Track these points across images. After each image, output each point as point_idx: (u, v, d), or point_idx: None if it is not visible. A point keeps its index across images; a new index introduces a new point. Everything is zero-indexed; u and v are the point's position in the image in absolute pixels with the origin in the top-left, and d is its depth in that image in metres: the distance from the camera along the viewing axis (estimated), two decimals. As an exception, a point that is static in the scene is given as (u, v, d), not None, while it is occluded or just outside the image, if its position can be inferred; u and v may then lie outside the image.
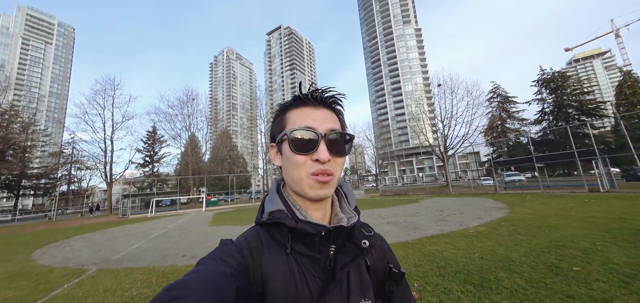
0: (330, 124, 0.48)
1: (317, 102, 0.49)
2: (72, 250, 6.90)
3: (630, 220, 5.12)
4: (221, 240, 0.48)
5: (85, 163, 33.21)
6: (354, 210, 0.52)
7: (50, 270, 4.85)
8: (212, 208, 23.65)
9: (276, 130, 0.51)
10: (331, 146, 0.47)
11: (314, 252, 0.45)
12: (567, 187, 14.72)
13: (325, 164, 0.45)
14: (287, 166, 0.48)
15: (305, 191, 0.46)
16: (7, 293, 3.66)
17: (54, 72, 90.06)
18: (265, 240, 0.46)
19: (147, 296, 3.12)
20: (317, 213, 0.49)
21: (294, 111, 0.49)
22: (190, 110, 32.59)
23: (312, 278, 0.43)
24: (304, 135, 0.46)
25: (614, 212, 6.06)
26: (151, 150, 39.12)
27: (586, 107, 35.41)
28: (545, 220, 5.89)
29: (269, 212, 0.48)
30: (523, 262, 3.23)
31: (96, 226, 13.93)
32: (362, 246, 0.46)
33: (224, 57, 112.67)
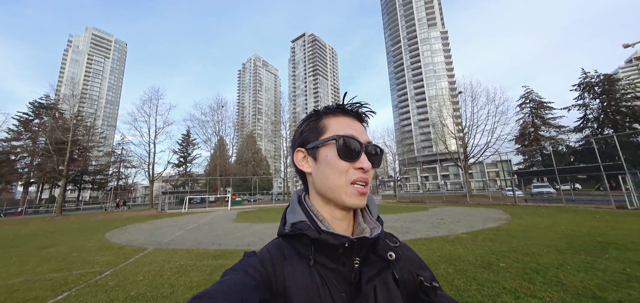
0: (366, 137, 0.50)
1: (354, 115, 0.51)
2: (131, 235, 8.88)
3: (610, 235, 5.43)
4: (245, 252, 0.48)
5: (131, 162, 38.16)
6: (377, 221, 0.51)
7: (122, 247, 6.65)
8: (237, 207, 25.92)
9: (311, 135, 0.51)
10: (369, 157, 0.48)
11: (337, 265, 0.44)
12: (593, 202, 13.90)
13: (366, 173, 0.47)
14: (327, 172, 0.47)
15: (342, 199, 0.46)
16: (102, 257, 5.41)
17: (110, 82, 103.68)
18: (288, 252, 0.46)
19: (190, 265, 4.53)
20: (340, 224, 0.49)
21: (334, 119, 0.50)
22: (219, 117, 35.87)
23: (337, 292, 0.42)
24: (351, 143, 0.46)
25: (608, 228, 6.26)
26: (185, 151, 43.55)
27: (637, 113, 31.67)
28: (528, 231, 6.33)
29: (291, 223, 0.47)
30: (467, 259, 4.03)
31: (143, 218, 16.57)
32: (388, 258, 0.45)
33: (252, 64, 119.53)
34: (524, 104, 44.21)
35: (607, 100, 35.02)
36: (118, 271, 4.34)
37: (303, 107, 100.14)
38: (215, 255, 5.25)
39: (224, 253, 5.45)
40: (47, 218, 19.62)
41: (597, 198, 14.31)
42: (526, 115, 43.72)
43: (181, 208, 26.32)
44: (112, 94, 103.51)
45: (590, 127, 36.72)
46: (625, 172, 11.59)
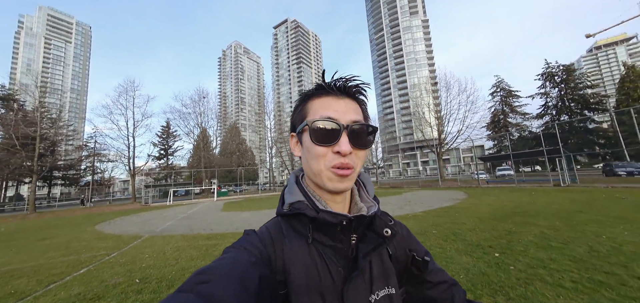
0: (353, 115, 0.47)
1: (340, 92, 0.48)
2: (122, 226, 9.35)
3: (526, 206, 6.92)
4: (245, 230, 0.49)
5: (107, 155, 36.58)
6: (373, 200, 0.52)
7: (119, 236, 7.22)
8: (223, 198, 26.32)
9: (297, 120, 0.51)
10: (353, 138, 0.46)
11: (335, 242, 0.45)
12: (538, 182, 16.13)
13: (346, 157, 0.45)
14: (307, 157, 0.48)
15: (324, 183, 0.46)
16: (103, 244, 6.03)
17: (75, 70, 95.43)
18: (287, 231, 0.47)
19: (187, 245, 5.31)
20: (336, 205, 0.49)
21: (316, 100, 0.49)
22: (201, 108, 35.23)
23: (335, 267, 0.43)
24: (326, 126, 0.45)
25: (532, 202, 7.83)
26: (165, 144, 42.35)
27: (588, 101, 35.46)
28: (471, 208, 7.73)
29: (289, 203, 0.48)
30: (412, 230, 5.20)
31: (128, 211, 16.69)
32: (384, 235, 0.46)
33: (232, 52, 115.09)
34: (495, 92, 47.26)
35: (565, 89, 38.65)
36: (124, 253, 5.04)
37: (287, 96, 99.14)
38: (208, 238, 6.06)
39: (215, 235, 6.26)
40: (19, 216, 18.96)
41: (543, 179, 16.57)
42: (497, 103, 46.91)
43: (165, 201, 26.27)
44: (77, 83, 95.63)
45: (549, 114, 40.47)
46: (561, 155, 13.65)
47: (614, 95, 36.13)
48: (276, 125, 50.07)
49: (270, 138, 44.10)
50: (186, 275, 3.42)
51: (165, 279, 3.29)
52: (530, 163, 41.94)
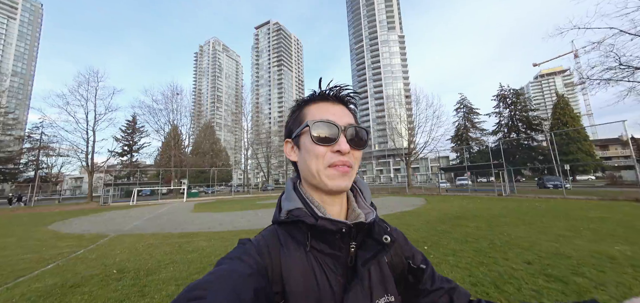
0: (348, 119, 0.50)
1: (335, 99, 0.52)
2: (82, 226, 8.87)
3: (468, 211, 8.21)
4: (240, 239, 0.48)
5: (56, 149, 32.86)
6: (371, 206, 0.52)
7: (81, 235, 6.97)
8: (193, 199, 25.36)
9: (294, 125, 0.52)
10: (350, 139, 0.48)
11: (334, 250, 0.45)
12: (486, 191, 18.46)
13: (345, 156, 0.46)
14: (306, 158, 0.48)
15: (323, 182, 0.46)
16: (65, 243, 5.86)
17: (19, 50, 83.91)
18: (284, 239, 0.47)
19: (159, 243, 5.48)
20: (333, 209, 0.49)
21: (313, 106, 0.51)
22: (174, 106, 33.59)
23: (334, 276, 0.43)
24: (326, 127, 0.47)
25: (473, 208, 9.22)
26: (130, 139, 39.31)
27: (531, 122, 41.02)
28: (424, 212, 8.88)
29: (287, 210, 0.48)
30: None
31: (84, 211, 15.45)
32: (383, 242, 0.45)
33: (210, 48, 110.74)
34: (459, 108, 52.13)
35: (514, 110, 44.19)
36: (91, 250, 5.06)
37: (266, 98, 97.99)
38: (180, 236, 6.23)
39: (187, 234, 6.44)
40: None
41: (490, 189, 18.99)
42: (460, 118, 51.73)
43: (127, 200, 24.50)
44: (22, 65, 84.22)
45: (502, 131, 45.83)
46: (503, 169, 15.93)
47: (549, 119, 42.15)
48: (253, 126, 49.37)
49: (246, 139, 43.37)
50: (163, 267, 3.74)
51: (143, 269, 3.58)
52: (486, 175, 46.96)
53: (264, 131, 50.74)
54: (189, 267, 3.66)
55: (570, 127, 33.66)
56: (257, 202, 17.62)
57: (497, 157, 17.23)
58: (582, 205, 9.49)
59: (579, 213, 7.22)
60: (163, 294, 2.72)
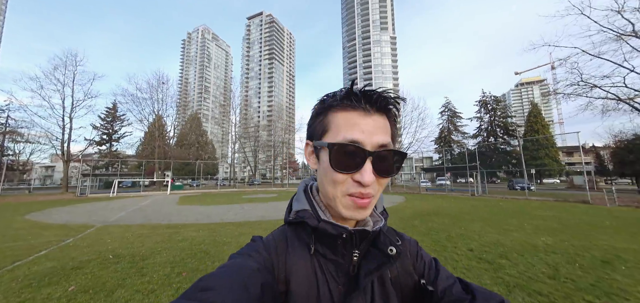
0: (381, 137, 0.41)
1: (369, 106, 0.41)
2: (64, 216, 8.80)
3: (440, 208, 9.04)
4: (252, 236, 0.49)
5: (25, 135, 30.84)
6: (381, 214, 0.49)
7: (65, 225, 7.03)
8: (177, 192, 25.01)
9: (316, 131, 0.46)
10: (378, 165, 0.41)
11: (336, 256, 0.43)
12: (462, 191, 19.79)
13: (367, 188, 0.40)
14: (323, 179, 0.44)
15: (339, 210, 0.42)
16: (50, 232, 5.97)
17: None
18: (291, 240, 0.47)
19: (148, 233, 5.74)
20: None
21: (340, 114, 0.42)
22: (160, 95, 32.63)
23: (335, 284, 0.42)
24: (348, 151, 0.40)
25: (446, 206, 10.10)
26: (110, 128, 37.66)
27: (508, 128, 43.73)
28: (400, 209, 9.63)
29: (296, 211, 0.48)
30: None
31: (61, 202, 15.00)
32: (388, 253, 0.42)
33: (199, 35, 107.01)
34: (444, 111, 54.30)
35: (494, 116, 46.80)
36: (81, 239, 5.25)
37: (256, 91, 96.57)
38: (168, 227, 6.50)
39: (175, 226, 6.72)
40: None
41: (465, 189, 20.36)
42: (444, 121, 53.94)
43: (107, 192, 23.76)
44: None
45: (482, 135, 48.42)
46: (477, 170, 17.21)
47: (524, 125, 45.12)
48: (242, 120, 48.79)
49: (234, 133, 42.89)
50: (157, 253, 4.08)
51: (138, 255, 3.91)
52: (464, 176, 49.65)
53: (252, 125, 50.27)
54: (181, 253, 4.04)
55: (541, 135, 36.29)
56: (244, 197, 17.84)
57: (474, 160, 18.53)
58: (538, 205, 10.67)
59: (531, 212, 8.23)
60: (160, 274, 3.11)
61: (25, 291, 2.65)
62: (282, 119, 51.18)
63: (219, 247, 4.44)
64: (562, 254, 3.63)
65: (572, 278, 2.78)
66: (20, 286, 2.79)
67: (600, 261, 3.34)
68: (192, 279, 2.93)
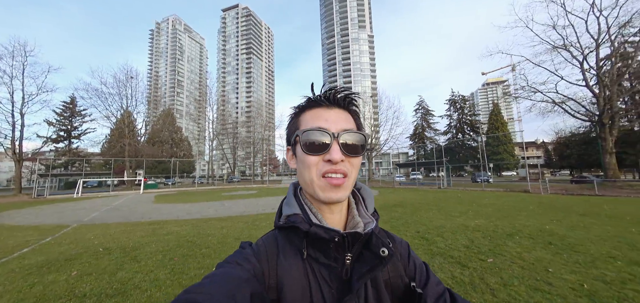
0: (344, 124, 0.47)
1: (330, 103, 0.49)
2: (29, 218, 8.42)
3: (406, 200, 10.16)
4: (241, 242, 0.49)
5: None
6: (372, 215, 0.50)
7: (37, 226, 6.86)
8: (151, 191, 24.02)
9: (290, 133, 0.52)
10: (345, 146, 0.46)
11: (329, 260, 0.44)
12: (431, 185, 21.68)
13: (338, 165, 0.45)
14: (300, 167, 0.48)
15: (316, 193, 0.45)
16: (22, 234, 5.89)
17: None
18: (282, 245, 0.47)
19: (130, 230, 5.93)
20: (332, 217, 0.48)
21: (308, 112, 0.49)
22: (130, 91, 30.65)
23: (327, 289, 0.42)
24: (316, 136, 0.45)
25: (413, 197, 11.29)
26: (68, 123, 34.46)
27: (474, 125, 47.85)
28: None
29: (286, 215, 0.48)
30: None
31: (18, 204, 13.92)
32: (380, 255, 0.43)
33: (170, 26, 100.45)
34: (418, 110, 57.54)
35: (462, 114, 50.80)
36: (60, 237, 5.34)
37: (234, 86, 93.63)
38: (149, 224, 6.68)
39: (157, 222, 6.90)
40: None
41: (433, 183, 22.32)
42: (418, 119, 57.21)
43: (68, 193, 22.10)
44: None
45: (451, 132, 52.35)
46: (443, 165, 19.04)
47: (484, 123, 49.63)
48: (219, 116, 47.37)
49: (211, 130, 41.62)
50: (145, 244, 4.43)
51: (127, 247, 4.25)
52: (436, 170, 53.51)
53: (230, 121, 49.04)
54: (169, 244, 4.44)
55: (501, 132, 40.33)
56: (223, 194, 17.85)
57: (443, 156, 20.41)
58: (488, 195, 12.36)
59: (480, 201, 9.66)
60: (154, 260, 3.54)
61: (29, 278, 2.96)
62: (261, 115, 50.54)
63: (204, 238, 4.89)
64: (483, 231, 4.69)
65: (479, 247, 3.76)
66: (21, 274, 3.08)
67: (506, 234, 4.42)
68: (184, 264, 3.40)
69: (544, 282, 2.52)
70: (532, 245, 3.79)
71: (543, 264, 3.00)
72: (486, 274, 2.76)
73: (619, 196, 11.01)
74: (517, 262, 3.10)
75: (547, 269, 2.85)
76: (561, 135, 30.42)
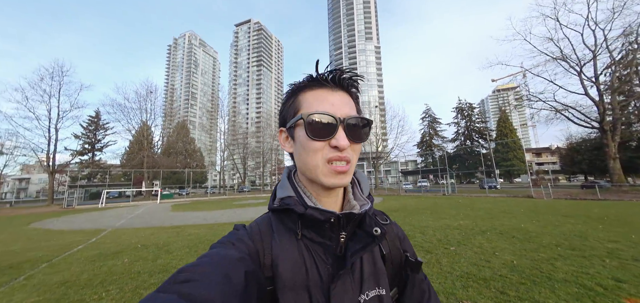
0: (348, 109, 0.46)
1: (334, 84, 0.47)
2: (70, 224, 9.68)
3: (406, 205, 10.71)
4: (235, 225, 0.50)
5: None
6: (367, 198, 0.51)
7: (79, 230, 8.03)
8: (167, 201, 25.49)
9: (288, 114, 0.49)
10: (350, 132, 0.45)
11: (324, 239, 0.45)
12: (434, 192, 21.89)
13: (344, 151, 0.44)
14: (301, 152, 0.46)
15: (320, 179, 0.45)
16: (69, 236, 7.02)
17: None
18: (276, 226, 0.47)
19: (157, 232, 6.91)
20: (329, 200, 0.49)
21: (309, 93, 0.47)
22: (150, 106, 33.04)
23: (323, 265, 0.43)
24: (322, 120, 0.44)
25: (416, 203, 11.81)
26: (92, 137, 37.14)
27: (482, 133, 47.33)
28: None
29: (280, 198, 0.48)
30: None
31: (55, 213, 15.47)
32: (373, 233, 0.44)
33: (186, 41, 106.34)
34: (424, 118, 57.55)
35: (469, 121, 50.41)
36: (102, 238, 6.39)
37: (244, 97, 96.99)
38: (172, 228, 7.68)
39: (178, 226, 7.90)
40: None
41: (438, 189, 22.51)
42: (425, 127, 57.14)
43: (92, 203, 23.86)
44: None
45: (459, 139, 51.88)
46: (446, 172, 19.34)
47: (493, 130, 49.00)
48: (230, 128, 49.43)
49: (222, 141, 43.47)
50: (173, 242, 5.35)
51: (159, 244, 5.18)
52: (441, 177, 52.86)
53: (241, 132, 50.96)
54: (192, 241, 5.36)
55: (510, 138, 39.79)
56: (234, 203, 18.87)
57: (452, 163, 20.62)
58: (490, 200, 12.67)
59: (475, 205, 10.10)
60: (182, 251, 4.44)
61: (95, 263, 3.92)
62: (270, 126, 52.22)
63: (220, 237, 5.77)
64: (461, 229, 5.30)
65: (449, 240, 4.41)
66: (88, 261, 4.05)
67: (481, 231, 5.02)
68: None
69: (485, 261, 3.19)
70: (497, 238, 4.40)
71: (495, 251, 3.65)
72: (443, 258, 3.44)
73: (621, 200, 11.11)
74: (475, 249, 3.76)
75: (495, 253, 3.50)
76: (572, 141, 29.80)
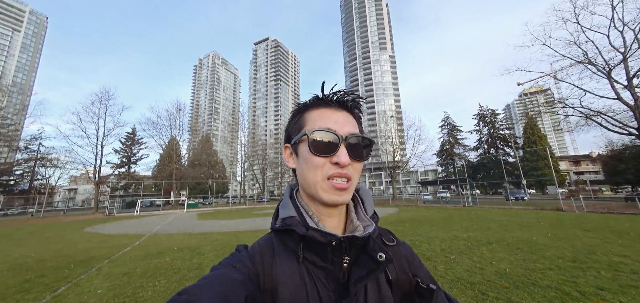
0: (351, 128, 0.48)
1: (338, 105, 0.49)
2: (115, 229, 11.06)
3: (418, 217, 10.77)
4: (237, 246, 0.49)
5: (53, 160, 34.46)
6: (371, 218, 0.50)
7: (124, 235, 9.25)
8: (193, 210, 27.30)
9: (293, 131, 0.51)
10: (351, 150, 0.46)
11: (325, 263, 0.43)
12: (454, 203, 21.15)
13: (345, 168, 0.44)
14: (304, 168, 0.47)
15: (320, 195, 0.45)
16: (120, 240, 8.18)
17: (20, 61, 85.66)
18: (278, 248, 0.46)
19: (187, 237, 7.82)
20: (330, 220, 0.48)
21: (314, 111, 0.49)
22: (179, 123, 36.13)
23: (325, 291, 0.41)
24: (325, 137, 0.45)
25: (432, 215, 11.79)
26: (129, 151, 40.98)
27: (507, 140, 44.73)
28: (386, 217, 11.39)
29: (282, 218, 0.47)
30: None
31: (101, 220, 17.43)
32: (378, 259, 0.42)
33: (210, 61, 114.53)
34: (443, 126, 55.81)
35: (492, 128, 47.97)
36: (145, 241, 7.41)
37: (263, 110, 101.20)
38: (200, 234, 8.58)
39: (205, 233, 8.78)
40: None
41: (457, 200, 21.71)
42: (445, 135, 55.29)
43: (128, 211, 26.23)
44: (22, 76, 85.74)
45: (482, 147, 49.38)
46: (466, 182, 18.73)
47: (519, 137, 46.03)
48: (250, 140, 51.82)
49: (243, 153, 45.66)
50: (203, 245, 6.14)
51: (191, 247, 6.00)
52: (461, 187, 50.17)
53: (260, 144, 53.16)
54: (219, 245, 6.12)
55: (539, 146, 37.22)
56: (254, 212, 19.86)
57: (476, 172, 19.83)
58: (511, 213, 12.21)
59: (491, 217, 9.90)
60: (212, 254, 5.17)
61: (143, 261, 4.77)
62: (288, 137, 53.88)
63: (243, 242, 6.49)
64: (468, 241, 5.47)
65: (452, 250, 4.66)
66: (138, 259, 4.92)
67: (487, 243, 5.18)
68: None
69: (479, 268, 3.47)
70: (500, 250, 4.57)
71: (492, 260, 3.88)
72: (440, 265, 3.76)
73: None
74: (474, 259, 4.01)
75: (492, 262, 3.74)
76: (613, 148, 27.15)
